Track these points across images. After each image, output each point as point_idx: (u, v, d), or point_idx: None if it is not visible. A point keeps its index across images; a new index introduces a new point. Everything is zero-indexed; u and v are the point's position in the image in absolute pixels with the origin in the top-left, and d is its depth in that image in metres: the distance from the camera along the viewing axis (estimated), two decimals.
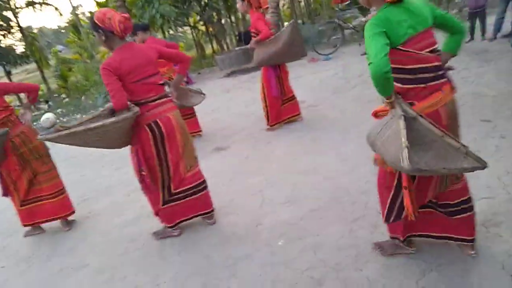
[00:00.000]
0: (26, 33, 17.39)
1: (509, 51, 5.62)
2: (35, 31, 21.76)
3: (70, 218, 3.49)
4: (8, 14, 16.09)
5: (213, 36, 17.25)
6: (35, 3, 14.56)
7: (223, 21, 15.67)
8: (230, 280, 2.25)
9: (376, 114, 1.89)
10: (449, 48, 1.84)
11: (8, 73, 18.14)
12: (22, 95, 19.30)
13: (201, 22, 16.80)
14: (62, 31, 41.87)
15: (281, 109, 4.62)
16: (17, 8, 15.16)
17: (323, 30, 11.58)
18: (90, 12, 22.83)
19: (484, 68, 5.13)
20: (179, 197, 2.75)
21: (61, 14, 18.04)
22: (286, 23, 18.89)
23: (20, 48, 18.78)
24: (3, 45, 17.23)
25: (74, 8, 13.73)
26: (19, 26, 16.78)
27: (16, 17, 16.29)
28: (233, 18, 17.66)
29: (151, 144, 2.54)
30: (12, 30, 17.54)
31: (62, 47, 31.42)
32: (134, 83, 2.46)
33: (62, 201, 3.39)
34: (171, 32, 14.18)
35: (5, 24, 16.92)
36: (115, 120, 2.33)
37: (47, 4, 15.21)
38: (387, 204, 1.92)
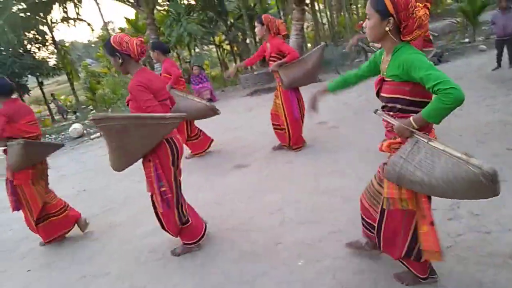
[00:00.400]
0: (59, 46, 18.26)
1: None
2: (67, 44, 22.77)
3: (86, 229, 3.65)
4: (44, 28, 16.99)
5: (237, 55, 17.63)
6: (70, 18, 15.30)
7: (247, 41, 16.04)
8: None
9: (390, 147, 1.84)
10: None
11: (41, 84, 18.99)
12: (51, 105, 20.06)
13: (226, 42, 17.23)
14: (92, 45, 43.69)
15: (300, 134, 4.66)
16: (53, 23, 15.98)
17: (346, 53, 11.67)
18: (120, 28, 23.82)
19: (510, 96, 5.05)
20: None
21: (93, 30, 18.83)
22: (309, 45, 19.18)
23: (52, 60, 19.72)
24: (37, 58, 18.14)
25: (106, 24, 14.38)
26: (53, 40, 17.66)
27: (51, 31, 17.17)
28: (257, 38, 18.06)
29: (170, 159, 2.63)
30: (46, 44, 18.49)
31: (91, 60, 32.68)
32: (158, 102, 2.61)
33: (67, 214, 3.58)
34: (197, 50, 14.60)
35: (40, 38, 17.86)
36: (171, 115, 2.47)
37: (80, 19, 15.95)
38: (407, 242, 1.91)
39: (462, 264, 2.14)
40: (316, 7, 17.66)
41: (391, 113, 1.79)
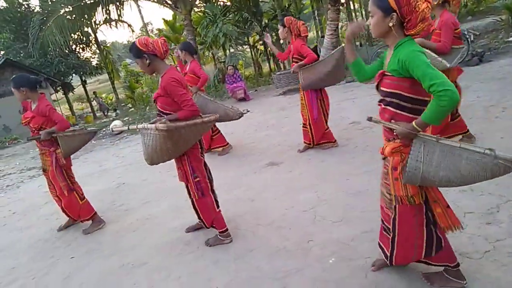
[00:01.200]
0: (101, 47, 19.13)
1: None
2: (108, 45, 23.80)
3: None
4: (88, 30, 17.85)
5: (270, 55, 17.69)
6: (112, 20, 15.99)
7: (281, 41, 16.04)
8: None
9: (392, 152, 1.85)
10: None
11: (84, 83, 20.00)
12: (93, 103, 21.04)
13: (260, 42, 17.33)
14: None
15: (325, 133, 4.69)
16: (96, 24, 16.77)
17: (381, 52, 11.41)
18: (158, 29, 24.56)
19: None
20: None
21: (133, 31, 19.51)
22: (343, 45, 18.82)
23: (95, 60, 20.72)
24: (81, 58, 19.12)
25: (145, 25, 14.90)
26: (96, 41, 18.53)
27: (94, 33, 18.02)
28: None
29: (199, 151, 2.89)
30: (90, 44, 19.46)
31: (130, 60, 33.92)
32: None
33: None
34: (232, 50, 14.81)
35: (85, 39, 18.81)
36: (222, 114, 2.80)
37: (122, 21, 16.64)
38: (424, 237, 1.93)
39: (501, 270, 2.07)
40: (351, 7, 17.37)
41: (389, 107, 1.82)
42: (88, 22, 15.52)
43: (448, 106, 1.55)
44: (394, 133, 1.83)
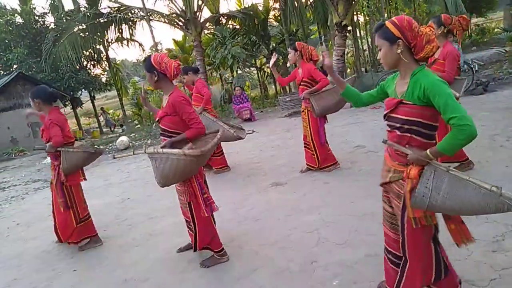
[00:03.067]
0: (112, 64, 19.52)
1: None
2: (118, 62, 24.30)
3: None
4: (100, 47, 18.27)
5: None
6: (124, 39, 16.38)
7: (288, 65, 16.32)
8: None
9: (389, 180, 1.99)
10: None
11: (93, 98, 20.31)
12: (101, 118, 21.27)
13: (267, 65, 17.64)
14: (141, 64, 46.16)
15: (328, 153, 4.76)
16: (108, 42, 17.18)
17: (386, 79, 11.56)
18: (168, 49, 25.07)
19: None
20: None
21: (144, 50, 19.94)
22: (348, 71, 19.15)
23: (104, 77, 21.08)
24: (92, 74, 19.50)
25: (155, 44, 15.24)
26: (107, 58, 18.94)
27: (106, 50, 18.44)
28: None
29: (202, 168, 2.98)
30: (101, 61, 19.86)
31: (139, 78, 34.52)
32: None
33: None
34: (239, 71, 15.07)
35: (96, 56, 19.23)
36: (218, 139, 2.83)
37: (133, 40, 17.03)
38: (433, 259, 1.93)
39: None
40: (358, 34, 17.71)
41: (407, 134, 1.83)
42: (101, 40, 15.90)
43: (466, 140, 1.60)
44: (408, 158, 1.83)
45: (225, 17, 15.04)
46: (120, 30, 14.31)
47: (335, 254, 2.83)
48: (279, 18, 15.67)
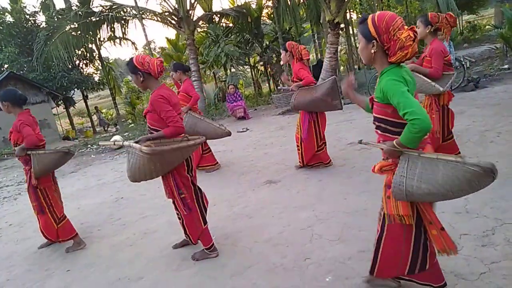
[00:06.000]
0: (105, 63, 19.38)
1: None
2: (111, 61, 24.11)
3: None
4: (92, 46, 18.12)
5: (270, 76, 17.96)
6: (116, 37, 16.25)
7: (281, 62, 16.34)
8: None
9: (381, 170, 1.98)
10: None
11: (85, 97, 20.16)
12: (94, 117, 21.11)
13: (261, 63, 17.64)
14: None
15: (316, 154, 4.75)
16: (101, 41, 17.03)
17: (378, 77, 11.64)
18: (161, 48, 24.96)
19: None
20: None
21: (136, 48, 19.81)
22: (342, 68, 19.21)
23: (97, 76, 20.94)
24: (84, 73, 19.35)
25: (148, 43, 15.17)
26: (100, 57, 18.79)
27: (98, 49, 18.29)
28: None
29: (185, 169, 2.92)
30: (93, 60, 19.72)
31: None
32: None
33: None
34: (233, 69, 15.05)
35: (88, 55, 19.08)
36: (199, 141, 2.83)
37: (126, 39, 16.90)
38: (410, 256, 1.98)
39: None
40: (351, 31, 17.75)
41: (378, 131, 1.94)
42: (93, 39, 15.74)
43: (419, 133, 1.66)
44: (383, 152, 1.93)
45: (218, 15, 14.99)
46: (113, 29, 14.19)
47: (328, 250, 2.85)
48: (272, 16, 15.69)
